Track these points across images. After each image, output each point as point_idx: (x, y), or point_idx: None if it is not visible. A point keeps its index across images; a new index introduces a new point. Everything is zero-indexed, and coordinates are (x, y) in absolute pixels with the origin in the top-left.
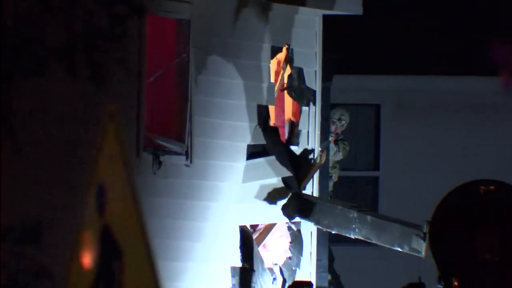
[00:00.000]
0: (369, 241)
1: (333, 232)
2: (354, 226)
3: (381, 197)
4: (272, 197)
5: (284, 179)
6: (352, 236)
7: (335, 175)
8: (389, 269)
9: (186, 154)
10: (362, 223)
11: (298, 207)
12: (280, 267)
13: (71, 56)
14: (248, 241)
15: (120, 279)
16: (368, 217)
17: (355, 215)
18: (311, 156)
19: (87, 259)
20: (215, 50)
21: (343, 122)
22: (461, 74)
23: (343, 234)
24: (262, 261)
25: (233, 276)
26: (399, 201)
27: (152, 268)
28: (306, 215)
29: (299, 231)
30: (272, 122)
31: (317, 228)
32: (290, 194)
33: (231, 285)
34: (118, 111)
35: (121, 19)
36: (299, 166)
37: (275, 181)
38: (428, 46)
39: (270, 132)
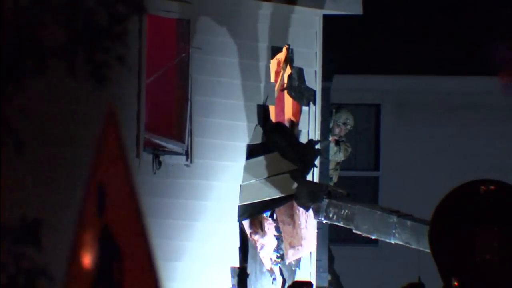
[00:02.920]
0: (408, 246)
1: (373, 237)
2: (394, 231)
3: (381, 197)
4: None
5: (290, 173)
6: (392, 241)
7: (335, 176)
8: (389, 269)
9: (186, 154)
10: (402, 228)
11: (308, 193)
12: (279, 267)
13: (71, 55)
14: (246, 242)
15: (120, 279)
16: (408, 222)
17: (395, 220)
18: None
19: (87, 259)
20: (215, 50)
21: (348, 126)
22: (461, 74)
23: (383, 239)
24: (261, 264)
25: (232, 276)
26: (399, 201)
27: (152, 268)
28: (316, 198)
29: None
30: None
31: (317, 228)
32: (297, 184)
33: (231, 286)
34: (118, 111)
35: (122, 18)
36: (305, 156)
37: (276, 179)
38: (428, 46)
39: (271, 129)
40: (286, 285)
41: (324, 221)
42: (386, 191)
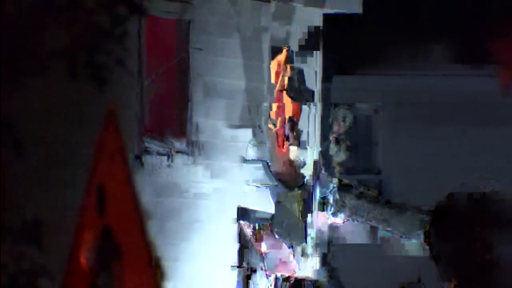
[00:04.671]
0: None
1: (403, 237)
2: (419, 231)
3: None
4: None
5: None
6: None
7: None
8: (389, 269)
9: (187, 153)
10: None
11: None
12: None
13: (72, 56)
14: (246, 240)
15: (120, 279)
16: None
17: (425, 219)
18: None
19: (87, 259)
20: (215, 50)
21: (347, 122)
22: (461, 74)
23: (410, 239)
24: (259, 260)
25: (238, 273)
26: (399, 201)
27: (151, 266)
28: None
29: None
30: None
31: (317, 228)
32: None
33: (235, 283)
34: (118, 111)
35: (122, 19)
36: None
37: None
38: (429, 46)
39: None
40: (280, 280)
41: (355, 222)
42: (386, 191)
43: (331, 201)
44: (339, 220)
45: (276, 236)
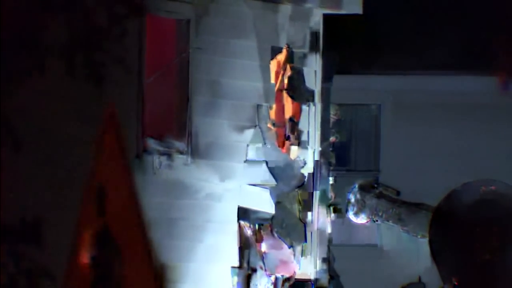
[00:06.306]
0: None
1: (419, 237)
2: None
3: None
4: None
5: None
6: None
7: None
8: (389, 269)
9: (188, 154)
10: None
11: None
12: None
13: (71, 55)
14: (246, 241)
15: (120, 277)
16: None
17: None
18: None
19: (87, 259)
20: (215, 50)
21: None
22: (461, 74)
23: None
24: (258, 260)
25: (236, 275)
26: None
27: (152, 267)
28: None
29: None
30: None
31: (317, 228)
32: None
33: (234, 284)
34: (118, 111)
35: (121, 18)
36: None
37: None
38: (428, 46)
39: None
40: (280, 281)
41: (373, 221)
42: None
43: (352, 200)
44: (360, 220)
45: (276, 236)
